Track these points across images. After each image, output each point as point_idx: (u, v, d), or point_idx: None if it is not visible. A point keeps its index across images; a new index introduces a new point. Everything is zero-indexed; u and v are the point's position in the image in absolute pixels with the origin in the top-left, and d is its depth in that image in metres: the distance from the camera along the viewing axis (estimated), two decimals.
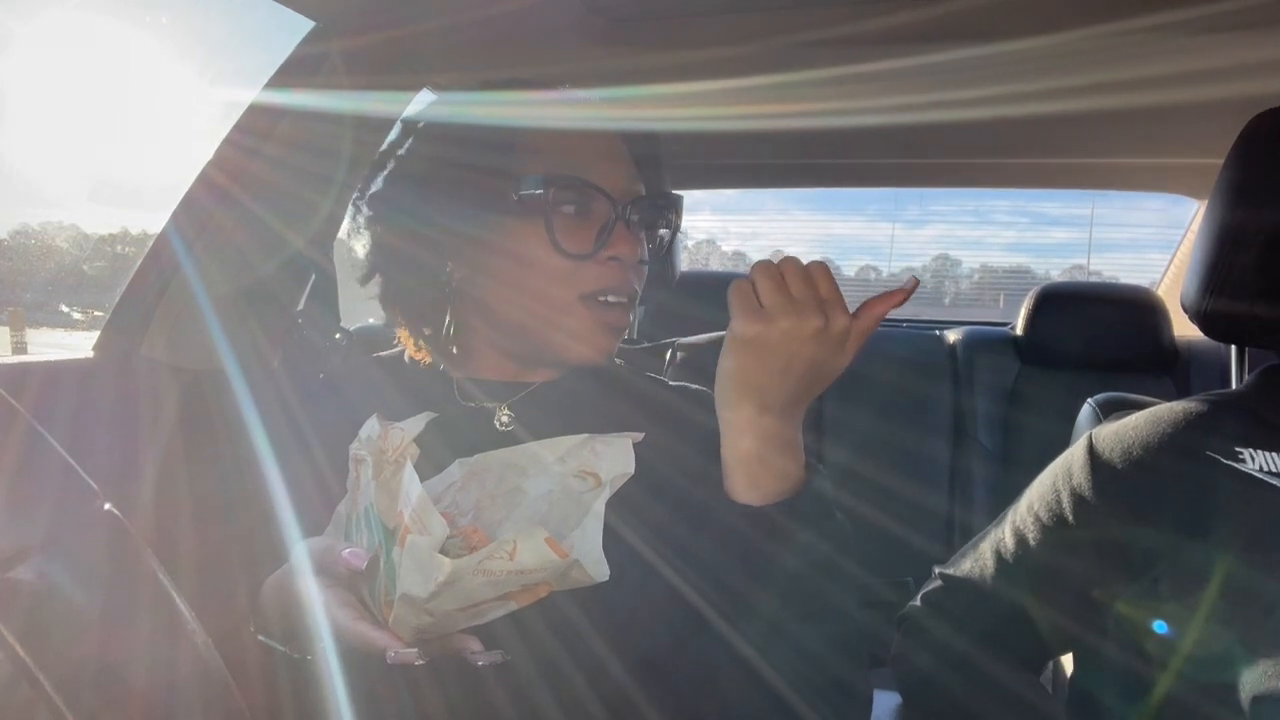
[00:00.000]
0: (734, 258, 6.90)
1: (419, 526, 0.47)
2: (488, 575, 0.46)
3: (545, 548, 0.47)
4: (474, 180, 0.61)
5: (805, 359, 0.51)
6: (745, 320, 0.51)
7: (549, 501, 0.54)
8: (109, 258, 1.76)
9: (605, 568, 0.49)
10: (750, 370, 0.52)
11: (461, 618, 0.49)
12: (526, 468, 0.56)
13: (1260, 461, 0.60)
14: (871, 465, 1.64)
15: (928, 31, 0.95)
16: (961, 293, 7.69)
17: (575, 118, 0.65)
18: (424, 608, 0.47)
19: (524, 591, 0.49)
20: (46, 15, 0.98)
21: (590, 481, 0.54)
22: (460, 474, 0.57)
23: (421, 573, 0.46)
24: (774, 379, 0.52)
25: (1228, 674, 0.53)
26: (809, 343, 0.50)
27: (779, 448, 0.54)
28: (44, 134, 1.53)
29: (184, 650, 0.34)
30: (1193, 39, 0.90)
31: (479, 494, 0.56)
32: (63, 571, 0.32)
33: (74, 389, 0.83)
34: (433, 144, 0.65)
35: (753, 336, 0.50)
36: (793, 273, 0.51)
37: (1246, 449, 0.61)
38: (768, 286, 0.51)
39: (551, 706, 0.55)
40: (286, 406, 0.67)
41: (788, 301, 0.50)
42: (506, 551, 0.46)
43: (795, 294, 0.51)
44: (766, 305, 0.51)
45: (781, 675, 0.52)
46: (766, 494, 0.54)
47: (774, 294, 0.50)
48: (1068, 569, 0.66)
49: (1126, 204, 7.71)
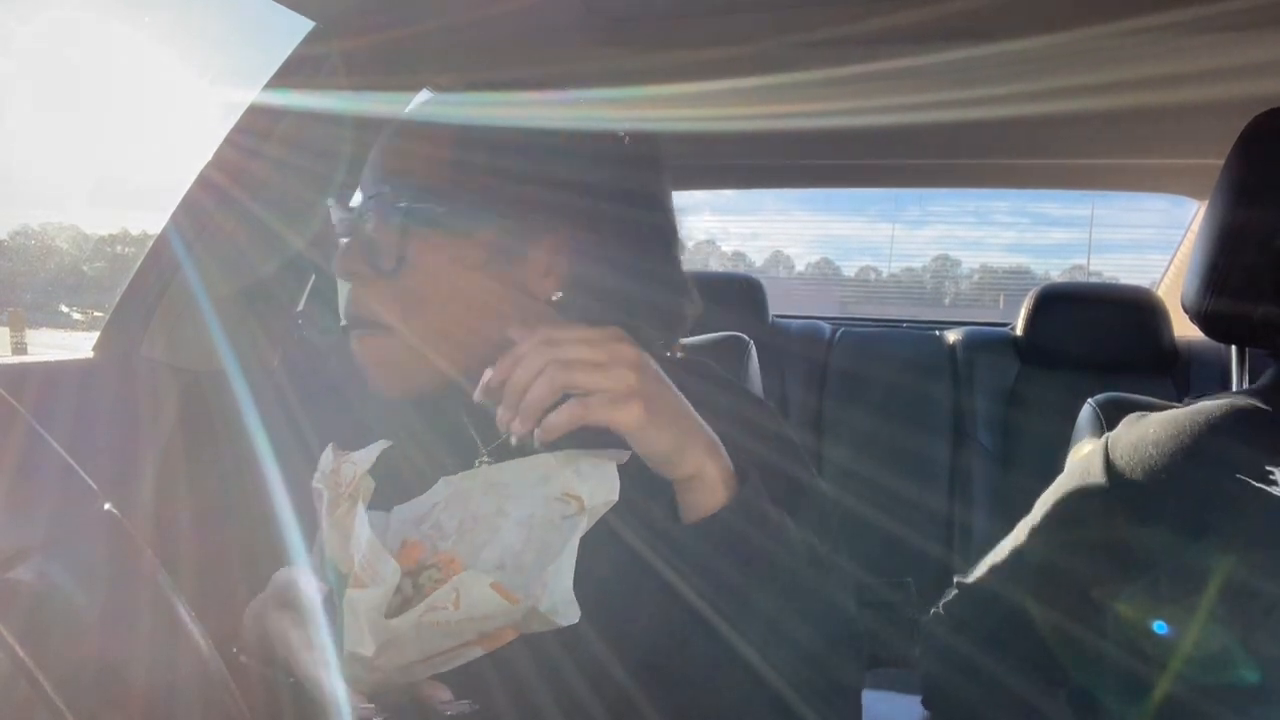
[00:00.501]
0: (734, 258, 6.90)
1: (369, 574, 0.45)
2: (435, 627, 0.44)
3: (492, 594, 0.44)
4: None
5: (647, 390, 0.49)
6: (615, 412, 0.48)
7: (529, 527, 0.52)
8: (109, 258, 1.76)
9: (575, 610, 0.46)
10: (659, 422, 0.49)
11: (422, 668, 0.47)
12: (509, 488, 0.54)
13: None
14: (871, 465, 1.64)
15: (928, 31, 0.95)
16: (961, 293, 7.70)
17: (575, 118, 0.64)
18: (371, 665, 0.45)
19: (485, 638, 0.46)
20: (46, 15, 0.98)
21: (573, 505, 0.51)
22: (445, 493, 0.55)
23: (362, 631, 0.44)
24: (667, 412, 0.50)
25: (1228, 674, 0.53)
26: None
27: (727, 465, 0.53)
28: (44, 134, 1.53)
29: (184, 650, 0.34)
30: (1193, 39, 0.90)
31: (463, 515, 0.54)
32: (63, 572, 0.32)
33: (74, 389, 0.83)
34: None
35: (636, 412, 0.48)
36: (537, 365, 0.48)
37: (1278, 468, 0.58)
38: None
39: (551, 705, 0.55)
40: (286, 407, 0.67)
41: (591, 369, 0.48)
42: (449, 601, 0.44)
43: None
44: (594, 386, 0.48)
45: (781, 675, 0.52)
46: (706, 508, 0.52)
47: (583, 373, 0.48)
48: (1076, 572, 0.66)
49: (1126, 205, 7.71)
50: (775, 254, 7.54)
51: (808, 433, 1.74)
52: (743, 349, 1.14)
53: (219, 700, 0.36)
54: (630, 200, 0.60)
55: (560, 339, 0.49)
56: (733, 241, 8.86)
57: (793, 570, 0.53)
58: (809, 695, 0.52)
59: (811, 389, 1.79)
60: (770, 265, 7.20)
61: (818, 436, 1.73)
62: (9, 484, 0.32)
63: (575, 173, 0.58)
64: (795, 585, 0.53)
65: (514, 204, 0.57)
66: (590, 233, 0.58)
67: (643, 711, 0.55)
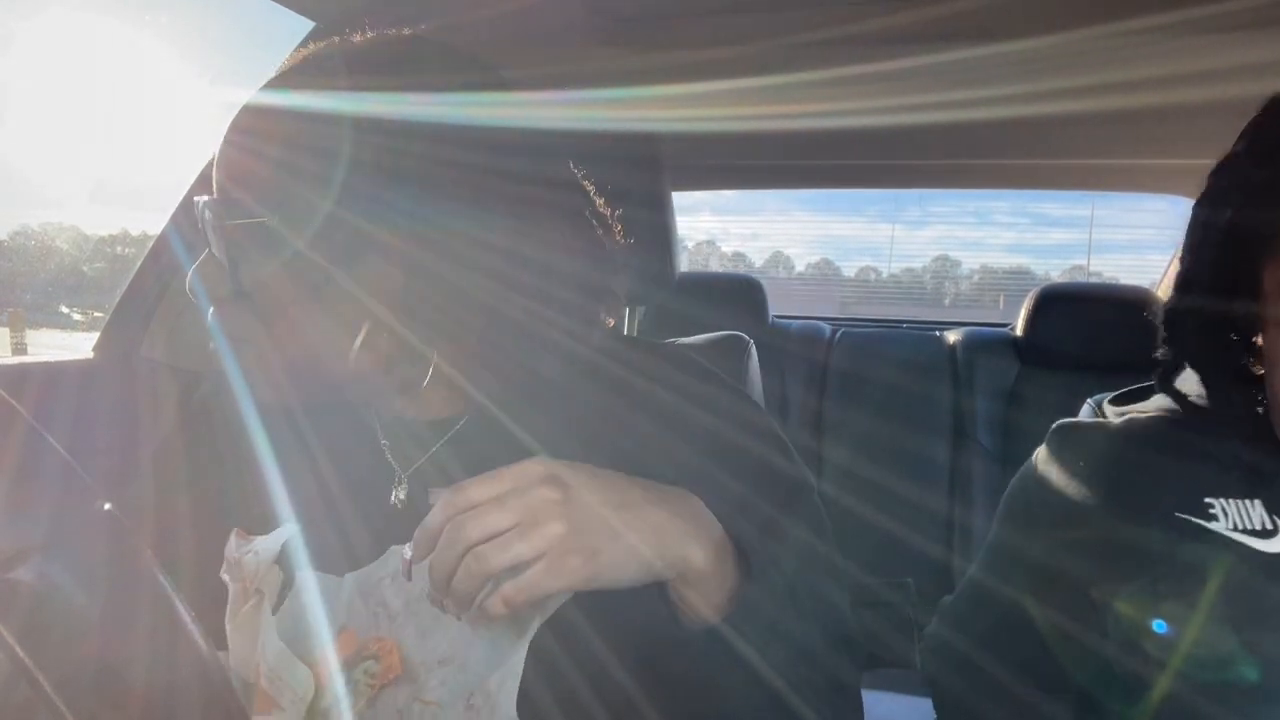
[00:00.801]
0: (734, 259, 6.90)
1: (276, 688, 0.41)
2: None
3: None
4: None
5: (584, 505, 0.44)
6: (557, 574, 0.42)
7: (473, 628, 0.47)
8: (109, 259, 1.76)
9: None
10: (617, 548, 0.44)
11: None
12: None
13: (1234, 517, 0.53)
14: (871, 466, 1.65)
15: (928, 32, 0.95)
16: (961, 294, 7.70)
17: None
18: None
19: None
20: (46, 15, 0.98)
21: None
22: (392, 566, 0.50)
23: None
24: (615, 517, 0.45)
25: (1228, 674, 0.53)
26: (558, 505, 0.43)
27: (714, 534, 0.48)
28: (44, 134, 1.53)
29: (184, 650, 0.34)
30: (1193, 39, 0.90)
31: (409, 595, 0.49)
32: (63, 572, 0.32)
33: (74, 389, 0.83)
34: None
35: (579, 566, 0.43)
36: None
37: (1218, 500, 0.54)
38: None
39: (550, 705, 0.55)
40: (286, 407, 0.66)
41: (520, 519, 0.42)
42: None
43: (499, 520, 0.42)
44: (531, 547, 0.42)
45: (781, 675, 0.51)
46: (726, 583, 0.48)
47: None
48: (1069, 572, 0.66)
49: (1126, 205, 7.71)
50: (775, 254, 7.54)
51: (808, 433, 1.74)
52: (743, 349, 1.14)
53: (219, 700, 0.35)
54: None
55: (466, 509, 0.42)
56: (733, 242, 8.87)
57: (789, 576, 0.53)
58: (809, 695, 0.52)
59: (811, 390, 1.79)
60: (770, 265, 7.20)
61: (818, 437, 1.73)
62: (9, 484, 0.32)
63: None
64: (793, 588, 0.53)
65: (348, 204, 0.51)
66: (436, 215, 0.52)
67: (642, 711, 0.55)
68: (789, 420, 1.76)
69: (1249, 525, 0.53)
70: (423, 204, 0.52)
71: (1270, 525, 0.52)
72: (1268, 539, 0.52)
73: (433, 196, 0.52)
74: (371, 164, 0.52)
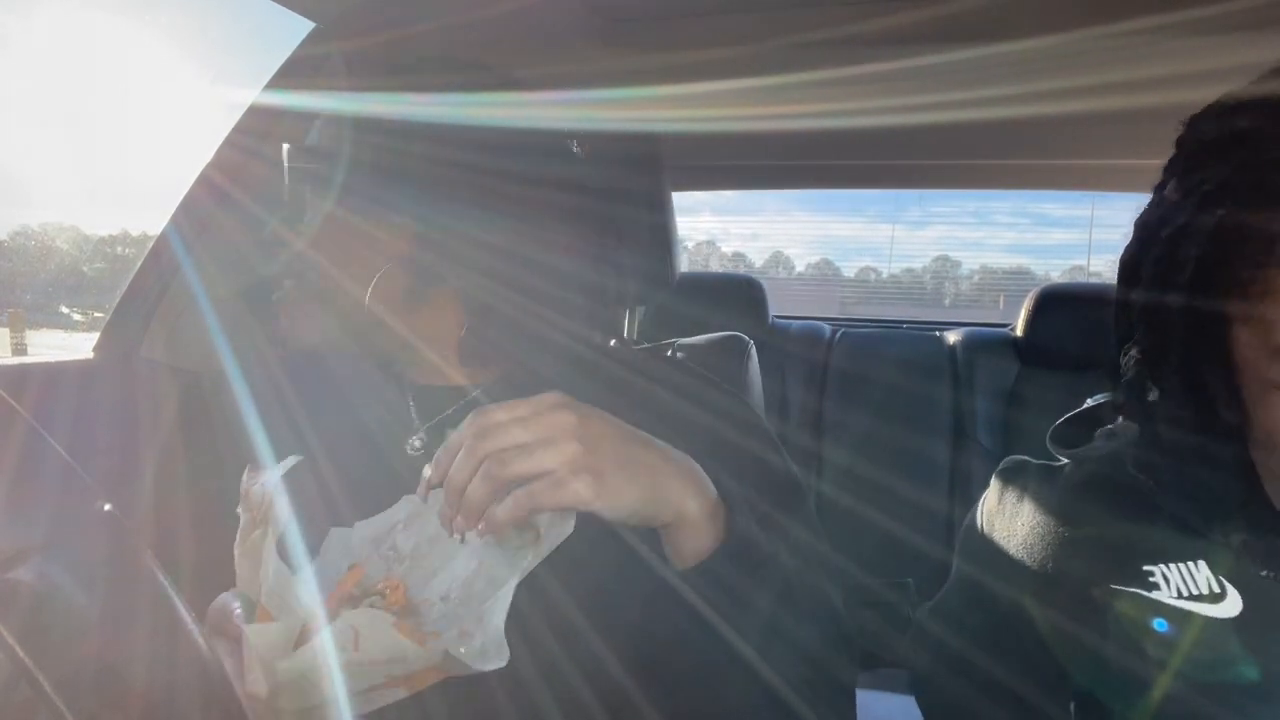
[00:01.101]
0: (734, 259, 6.90)
1: (275, 605, 0.43)
2: (339, 668, 0.42)
3: (396, 636, 0.42)
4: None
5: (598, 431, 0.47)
6: (580, 489, 0.45)
7: (481, 556, 0.50)
8: (109, 259, 1.76)
9: (503, 654, 0.44)
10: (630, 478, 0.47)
11: (332, 711, 0.43)
12: None
13: (1177, 583, 0.50)
14: (871, 466, 1.64)
15: (928, 32, 0.95)
16: (961, 294, 7.70)
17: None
18: (272, 706, 0.42)
19: (405, 680, 0.44)
20: (46, 15, 0.98)
21: (528, 535, 0.49)
22: (405, 512, 0.53)
23: (256, 671, 0.41)
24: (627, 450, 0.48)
25: (1228, 674, 0.53)
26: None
27: (710, 494, 0.51)
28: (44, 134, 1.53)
29: (184, 650, 0.34)
30: (1193, 39, 0.90)
31: (419, 537, 0.52)
32: (63, 572, 0.32)
33: (74, 390, 0.83)
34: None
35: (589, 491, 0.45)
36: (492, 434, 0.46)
37: (1158, 567, 0.51)
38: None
39: (550, 705, 0.55)
40: (286, 407, 0.67)
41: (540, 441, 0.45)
42: (349, 641, 0.42)
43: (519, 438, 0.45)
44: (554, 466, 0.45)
45: (781, 675, 0.51)
46: (716, 538, 0.50)
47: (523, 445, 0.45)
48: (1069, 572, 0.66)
49: (1126, 205, 7.69)
50: (775, 254, 7.54)
51: (808, 433, 1.74)
52: (743, 349, 1.14)
53: (219, 700, 0.35)
54: (491, 175, 0.59)
55: (491, 426, 0.46)
56: (733, 242, 8.87)
57: (788, 573, 0.53)
58: (806, 693, 0.52)
59: (811, 390, 1.79)
60: (770, 266, 7.20)
61: (818, 437, 1.73)
62: (9, 484, 0.32)
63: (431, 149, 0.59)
64: (791, 586, 0.53)
65: (368, 169, 0.60)
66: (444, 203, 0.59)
67: (640, 710, 0.55)
68: (789, 420, 1.76)
69: (1195, 590, 0.50)
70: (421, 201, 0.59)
71: (1218, 588, 0.49)
72: (1218, 603, 0.49)
73: (432, 195, 0.58)
74: (370, 164, 0.60)
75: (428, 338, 0.62)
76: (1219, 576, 0.49)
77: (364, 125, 0.62)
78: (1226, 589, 0.49)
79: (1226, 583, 0.49)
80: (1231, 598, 0.48)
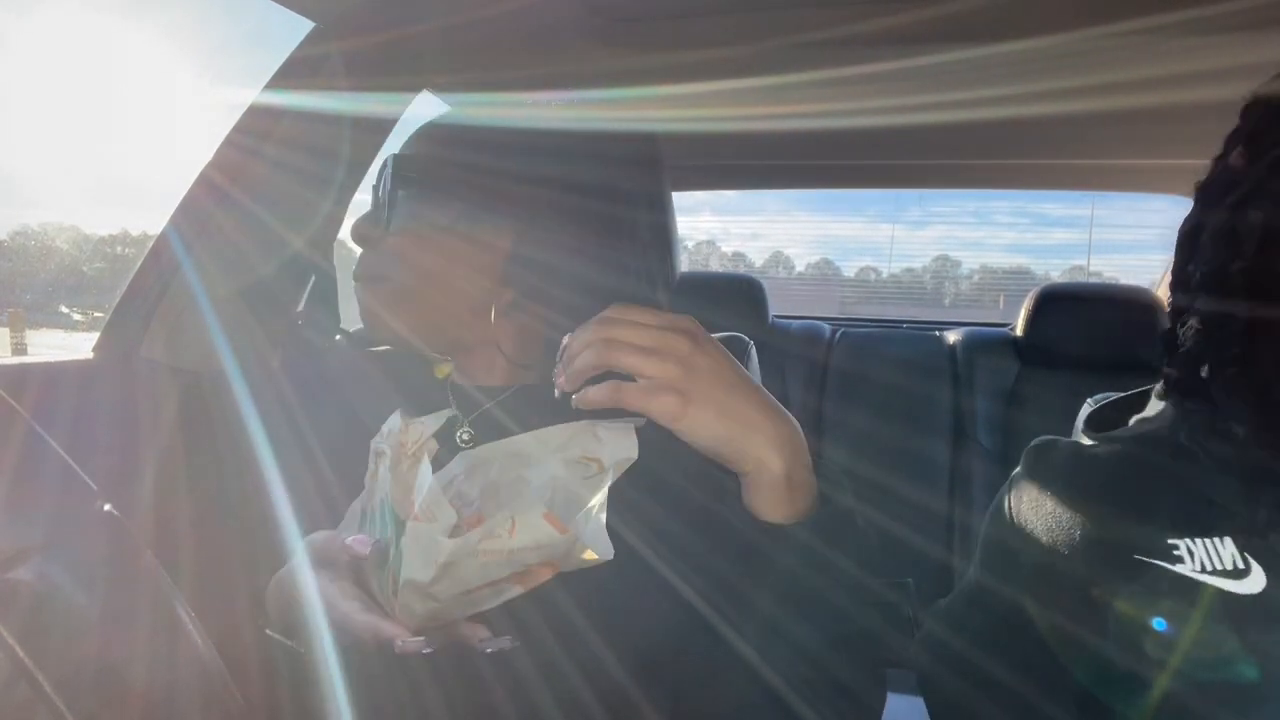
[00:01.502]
0: (734, 259, 6.90)
1: (428, 515, 0.48)
2: (489, 555, 0.46)
3: (544, 524, 0.46)
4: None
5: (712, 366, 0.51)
6: (671, 397, 0.49)
7: (551, 488, 0.54)
8: (109, 259, 1.76)
9: (610, 547, 0.48)
10: (729, 410, 0.50)
11: (469, 601, 0.48)
12: (529, 456, 0.56)
13: (1201, 557, 0.50)
14: (871, 465, 1.65)
15: (928, 32, 0.95)
16: (961, 293, 7.69)
17: (574, 119, 0.65)
18: (428, 592, 0.47)
19: (527, 574, 0.48)
20: (46, 15, 0.98)
21: (593, 467, 0.53)
22: (462, 467, 0.58)
23: (423, 557, 0.46)
24: (737, 400, 0.51)
25: (1228, 674, 0.53)
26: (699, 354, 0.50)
27: (803, 464, 0.53)
28: (44, 134, 1.53)
29: (184, 650, 0.34)
30: (1193, 40, 0.90)
31: (483, 483, 0.56)
32: (63, 572, 0.32)
33: (74, 390, 0.83)
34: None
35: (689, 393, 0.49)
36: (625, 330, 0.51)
37: (1183, 541, 0.51)
38: (637, 360, 0.49)
39: (550, 705, 0.55)
40: (286, 407, 0.67)
41: (658, 350, 0.49)
42: (505, 529, 0.46)
43: (647, 342, 0.50)
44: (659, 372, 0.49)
45: (781, 675, 0.51)
46: (795, 511, 0.52)
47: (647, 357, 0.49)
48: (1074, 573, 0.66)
49: (1126, 205, 7.70)
50: (775, 254, 7.54)
51: (808, 433, 1.73)
52: (743, 349, 1.14)
53: (219, 700, 0.35)
54: (588, 192, 0.62)
55: (617, 319, 0.51)
56: (733, 242, 8.87)
57: (794, 574, 0.53)
58: (807, 694, 0.52)
59: (811, 389, 1.79)
60: (770, 265, 7.20)
61: (818, 437, 1.74)
62: (9, 484, 0.32)
63: (532, 168, 0.61)
64: (793, 587, 0.53)
65: (478, 192, 0.62)
66: (540, 220, 0.61)
67: (640, 710, 0.55)
68: None
69: (1220, 565, 0.49)
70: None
71: (1242, 564, 0.49)
72: (1241, 579, 0.49)
73: (530, 210, 0.61)
74: (471, 179, 0.63)
75: (484, 341, 0.65)
76: (1244, 553, 0.49)
77: (461, 138, 0.64)
78: (1251, 565, 0.48)
79: (1252, 559, 0.48)
80: (1255, 574, 0.48)
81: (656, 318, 0.51)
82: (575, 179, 0.62)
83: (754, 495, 0.51)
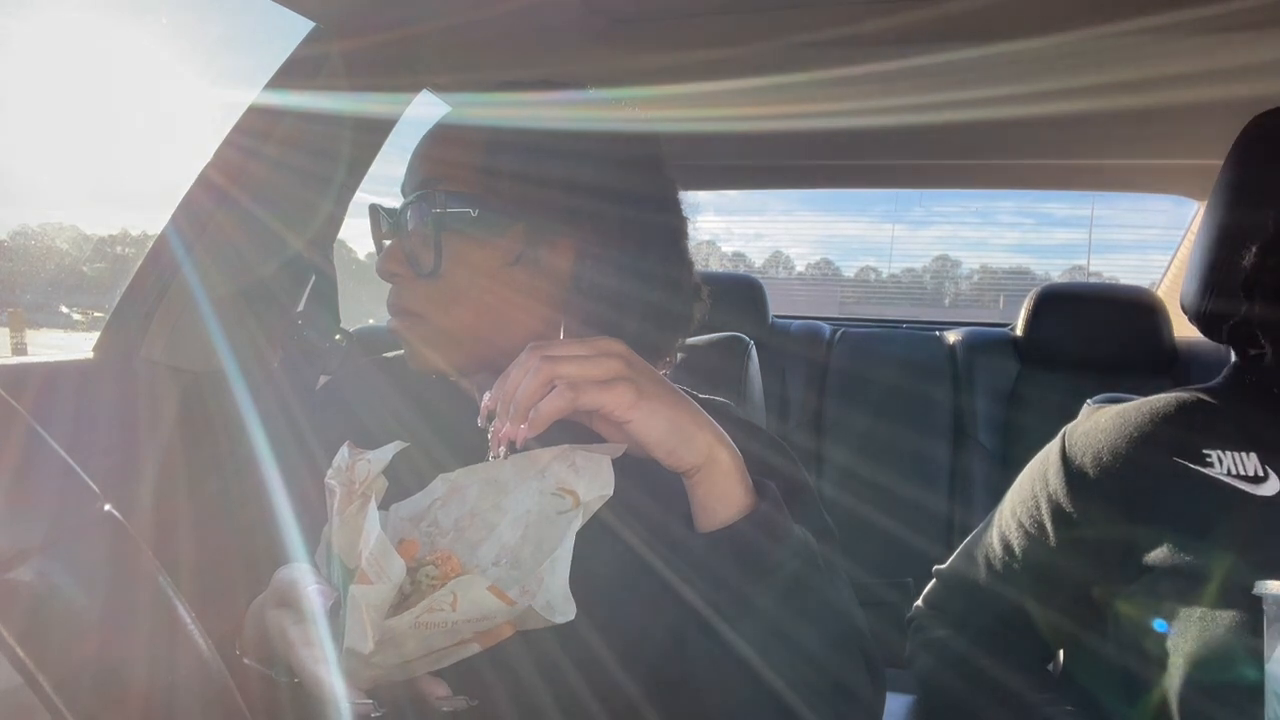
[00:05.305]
0: (734, 259, 6.89)
1: (375, 570, 0.46)
2: (430, 629, 0.45)
3: (488, 597, 0.45)
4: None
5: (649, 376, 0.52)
6: (626, 403, 0.49)
7: (525, 523, 0.53)
8: (109, 259, 1.76)
9: (571, 607, 0.47)
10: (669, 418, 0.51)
11: (419, 665, 0.48)
12: (506, 484, 0.54)
13: (1229, 464, 0.60)
14: (871, 466, 1.64)
15: (929, 32, 0.95)
16: (961, 294, 7.69)
17: (575, 119, 0.64)
18: (369, 661, 0.45)
19: (483, 635, 0.47)
20: (46, 16, 0.98)
21: (568, 500, 0.52)
22: (442, 490, 0.56)
23: (364, 627, 0.44)
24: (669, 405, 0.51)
25: (1228, 674, 0.53)
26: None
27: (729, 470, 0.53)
28: (44, 135, 1.53)
29: (184, 651, 0.34)
30: (1193, 40, 0.90)
31: (459, 512, 0.55)
32: (63, 573, 0.32)
33: (74, 390, 0.83)
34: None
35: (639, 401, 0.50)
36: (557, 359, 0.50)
37: (1215, 451, 0.61)
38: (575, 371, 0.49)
39: (551, 706, 0.55)
40: (286, 407, 0.67)
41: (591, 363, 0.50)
42: (447, 603, 0.45)
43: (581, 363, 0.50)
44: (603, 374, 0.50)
45: (780, 676, 0.51)
46: (751, 503, 0.53)
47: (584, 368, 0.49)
48: (1056, 569, 0.67)
49: (1127, 205, 7.71)
50: (775, 254, 7.54)
51: (808, 433, 1.74)
52: (743, 349, 1.14)
53: (219, 700, 0.35)
54: (644, 203, 0.62)
55: (548, 344, 0.51)
56: (734, 242, 8.87)
57: (796, 574, 0.53)
58: (808, 695, 0.52)
59: (812, 389, 1.79)
60: (770, 266, 7.20)
61: (818, 437, 1.73)
62: (9, 484, 0.32)
63: (596, 177, 0.60)
64: (797, 588, 0.53)
65: (537, 207, 0.59)
66: (604, 235, 0.60)
67: (642, 712, 0.55)
68: (789, 420, 1.76)
69: (1243, 472, 0.59)
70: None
71: (1262, 473, 0.59)
72: (1259, 484, 0.59)
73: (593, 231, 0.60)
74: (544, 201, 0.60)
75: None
76: (1265, 465, 0.59)
77: (515, 144, 0.61)
78: (1269, 474, 0.59)
79: (1271, 470, 0.59)
80: (1271, 481, 0.59)
81: (585, 344, 0.51)
82: (631, 187, 0.61)
83: (709, 488, 0.52)
